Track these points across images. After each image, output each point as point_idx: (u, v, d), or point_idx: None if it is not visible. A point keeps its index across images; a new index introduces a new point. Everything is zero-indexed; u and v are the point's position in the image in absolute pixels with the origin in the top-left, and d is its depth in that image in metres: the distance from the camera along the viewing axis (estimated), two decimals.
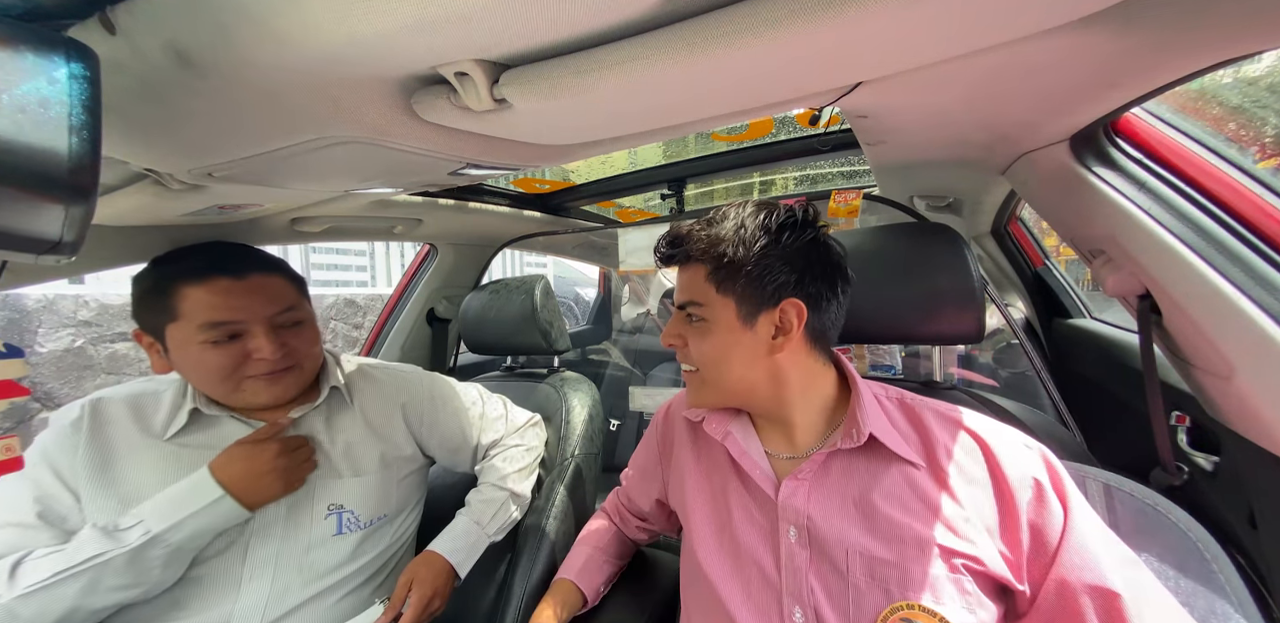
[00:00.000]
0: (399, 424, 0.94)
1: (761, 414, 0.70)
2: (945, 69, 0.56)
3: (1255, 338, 0.59)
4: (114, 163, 0.63)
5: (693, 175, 1.49)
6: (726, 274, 0.62)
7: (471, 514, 0.93)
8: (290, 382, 0.82)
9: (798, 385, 0.66)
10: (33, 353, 2.47)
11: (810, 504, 0.62)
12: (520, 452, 1.03)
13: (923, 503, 0.58)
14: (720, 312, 0.63)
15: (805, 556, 0.60)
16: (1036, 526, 0.55)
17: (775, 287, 0.61)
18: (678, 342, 0.68)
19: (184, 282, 0.74)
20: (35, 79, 0.36)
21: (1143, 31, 0.49)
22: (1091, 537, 0.54)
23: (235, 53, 0.42)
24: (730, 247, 0.62)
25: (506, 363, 1.42)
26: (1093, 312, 1.49)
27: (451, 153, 0.68)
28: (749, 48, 0.41)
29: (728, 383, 0.66)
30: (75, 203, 0.39)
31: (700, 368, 0.67)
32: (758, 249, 0.61)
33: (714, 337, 0.64)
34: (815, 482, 0.63)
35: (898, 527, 0.57)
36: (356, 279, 4.73)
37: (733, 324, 0.63)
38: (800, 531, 0.61)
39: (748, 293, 0.62)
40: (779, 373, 0.65)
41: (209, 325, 0.74)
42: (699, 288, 0.64)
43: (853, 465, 0.63)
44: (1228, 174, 0.68)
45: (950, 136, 0.88)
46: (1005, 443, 0.60)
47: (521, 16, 0.39)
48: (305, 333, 0.84)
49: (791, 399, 0.66)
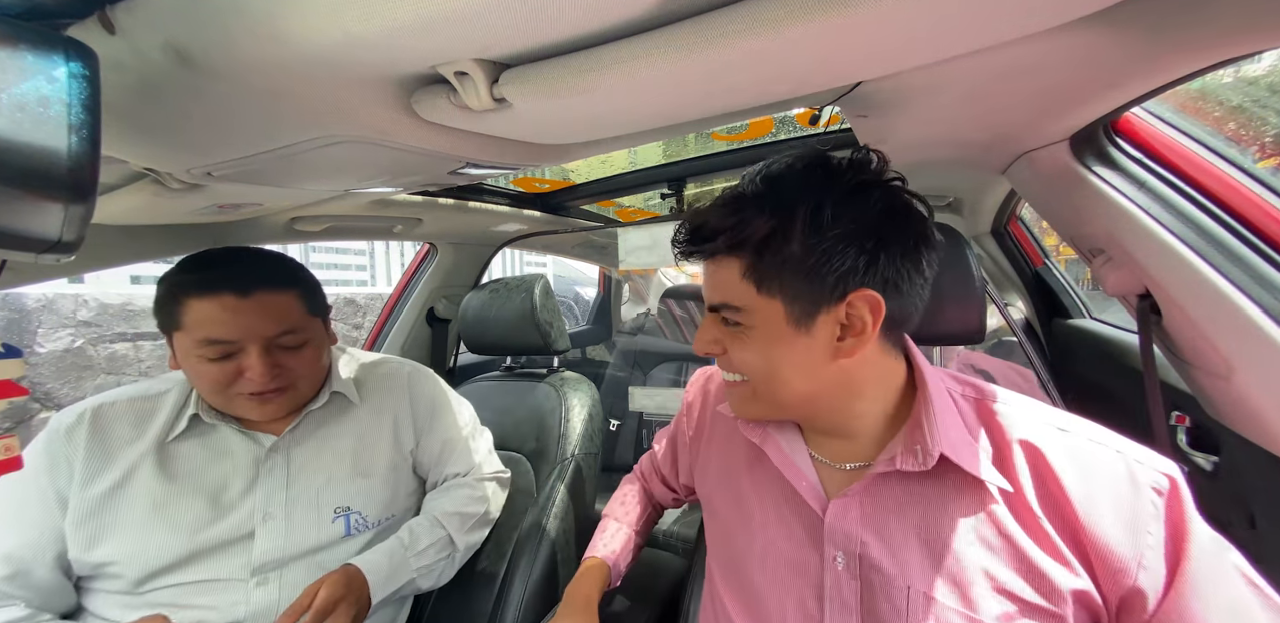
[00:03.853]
0: (408, 421, 0.94)
1: (819, 427, 0.58)
2: (945, 69, 0.56)
3: (1255, 338, 0.59)
4: (113, 162, 0.63)
5: (693, 175, 1.49)
6: (770, 269, 0.48)
7: (401, 538, 0.85)
8: (282, 402, 0.80)
9: (868, 391, 0.53)
10: (32, 353, 2.47)
11: (865, 529, 0.51)
12: (474, 498, 0.95)
13: (1004, 542, 0.47)
14: (765, 315, 0.49)
15: (855, 588, 0.51)
16: (1138, 586, 0.44)
17: (838, 277, 0.47)
18: (715, 349, 0.55)
19: (192, 293, 0.74)
20: (34, 78, 0.35)
21: (1143, 31, 0.49)
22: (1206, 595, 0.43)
23: (235, 52, 0.42)
24: (774, 234, 0.47)
25: (506, 363, 1.42)
26: (1093, 312, 1.49)
27: (451, 152, 0.68)
28: (749, 47, 0.41)
29: (785, 397, 0.53)
30: (75, 202, 0.39)
31: (749, 378, 0.54)
32: (812, 231, 0.46)
33: (759, 345, 0.51)
34: (871, 501, 0.52)
35: (971, 569, 0.47)
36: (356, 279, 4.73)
37: (782, 329, 0.49)
38: (850, 558, 0.51)
39: (800, 290, 0.48)
40: (849, 380, 0.51)
41: (206, 341, 0.73)
42: (735, 289, 0.50)
43: (918, 484, 0.51)
44: (1228, 174, 0.68)
45: (950, 136, 0.88)
46: (1120, 462, 0.47)
47: (521, 16, 0.39)
48: (305, 354, 0.81)
49: (859, 407, 0.53)
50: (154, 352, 2.85)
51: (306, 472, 0.83)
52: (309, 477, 0.83)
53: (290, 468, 0.83)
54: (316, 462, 0.84)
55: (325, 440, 0.86)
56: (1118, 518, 0.45)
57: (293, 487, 0.82)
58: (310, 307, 0.82)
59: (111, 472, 0.75)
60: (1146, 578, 0.44)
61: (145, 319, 2.79)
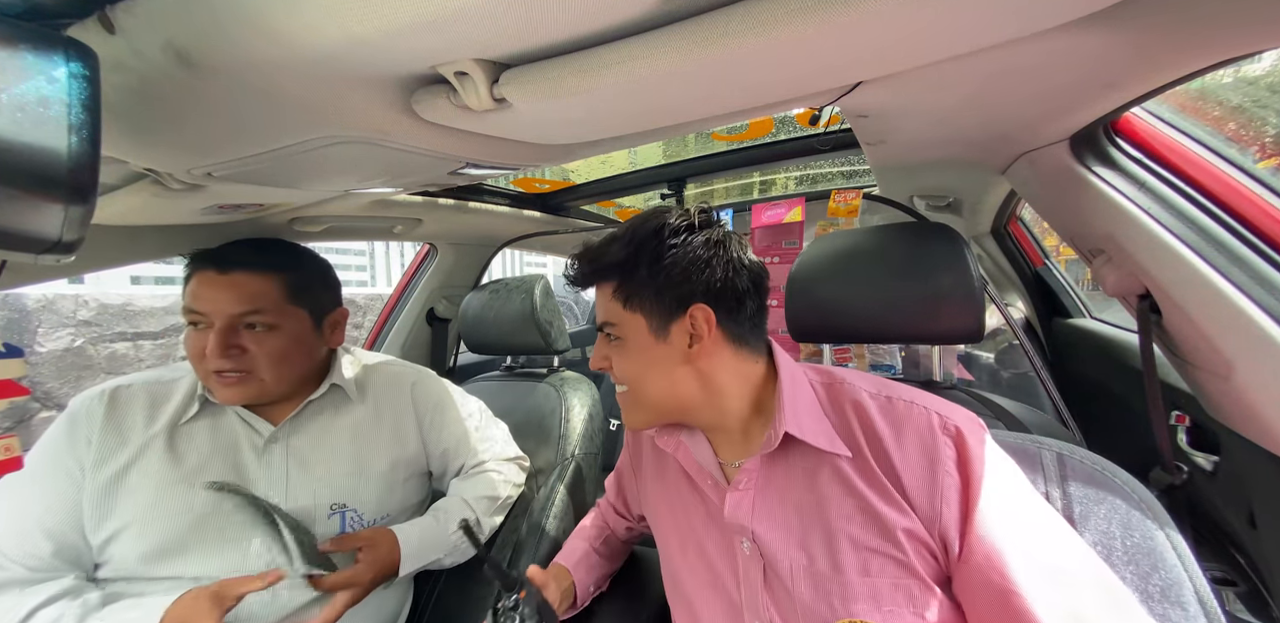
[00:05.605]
0: (411, 423, 0.94)
1: (703, 425, 0.67)
2: (945, 69, 0.56)
3: (1255, 338, 0.59)
4: (113, 162, 0.63)
5: (693, 175, 1.49)
6: (630, 290, 0.61)
7: (437, 516, 0.90)
8: (244, 390, 0.79)
9: (732, 390, 0.62)
10: (32, 353, 2.47)
11: (754, 517, 0.59)
12: (498, 481, 0.99)
13: (853, 501, 0.55)
14: (633, 328, 0.61)
15: (759, 570, 0.59)
16: (945, 517, 0.52)
17: (679, 295, 0.59)
18: (605, 364, 0.66)
19: (192, 267, 0.80)
20: (35, 78, 0.36)
21: (1143, 31, 0.49)
22: (999, 528, 0.50)
23: (235, 52, 0.42)
24: (625, 261, 0.60)
25: (506, 363, 1.41)
26: (1093, 311, 1.49)
27: (451, 152, 0.68)
28: (749, 47, 0.41)
29: (655, 399, 0.63)
30: (75, 202, 0.39)
31: (629, 387, 0.64)
32: (653, 259, 0.59)
33: (632, 354, 0.62)
34: (759, 491, 0.61)
35: (833, 533, 0.55)
36: (356, 279, 4.72)
37: (646, 339, 0.61)
38: (752, 544, 0.59)
39: (654, 305, 0.60)
40: (708, 380, 0.62)
41: (185, 310, 0.78)
42: (609, 306, 0.63)
43: (790, 467, 0.60)
44: (1228, 174, 0.68)
45: (950, 136, 0.88)
46: (926, 416, 0.56)
47: (521, 16, 0.39)
48: (269, 341, 0.79)
49: (726, 405, 0.63)
50: (154, 352, 2.85)
51: (304, 466, 0.84)
52: (307, 471, 0.83)
53: (289, 461, 0.83)
54: (314, 456, 0.85)
55: (323, 435, 0.87)
56: (921, 461, 0.54)
57: (291, 480, 0.82)
58: (292, 294, 0.82)
59: (124, 453, 0.76)
60: (949, 513, 0.52)
61: (145, 319, 2.79)
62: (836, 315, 0.83)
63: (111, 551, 0.74)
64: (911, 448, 0.55)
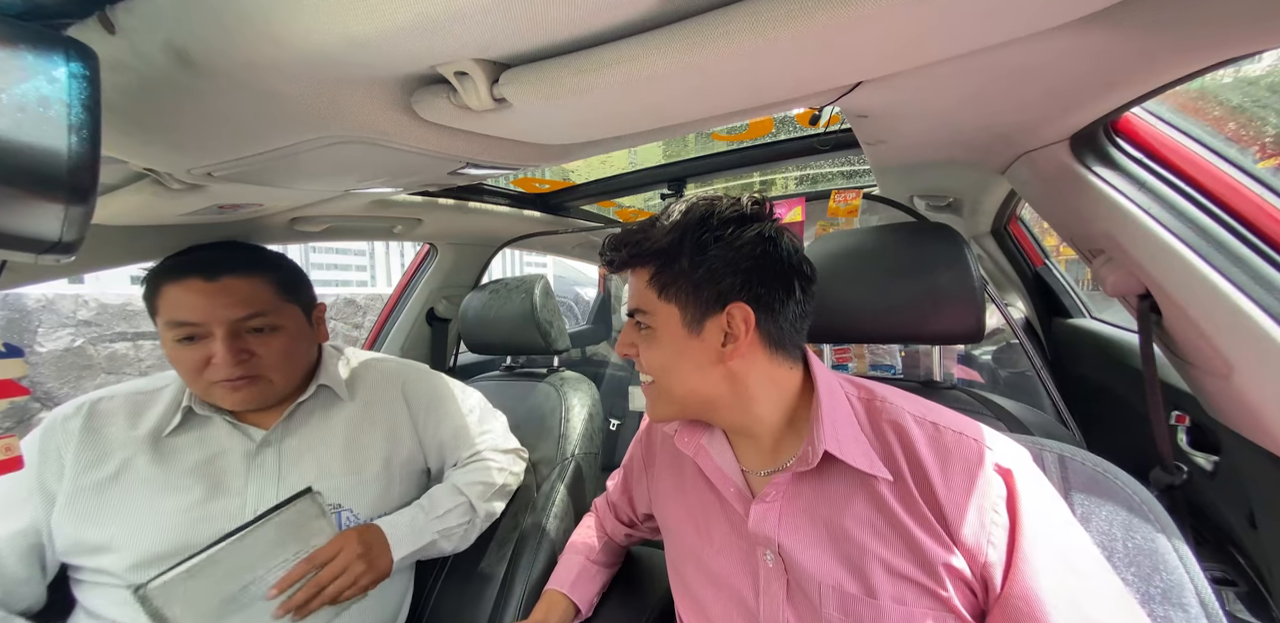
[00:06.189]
0: (404, 421, 0.94)
1: (729, 427, 0.65)
2: (945, 69, 0.56)
3: (1254, 338, 0.59)
4: (113, 162, 0.63)
5: (693, 175, 1.49)
6: (668, 279, 0.58)
7: (422, 504, 0.88)
8: (254, 393, 0.79)
9: (761, 395, 0.60)
10: (32, 353, 2.47)
11: (781, 531, 0.57)
12: (493, 469, 0.98)
13: (891, 527, 0.53)
14: (665, 319, 0.59)
15: (783, 583, 0.57)
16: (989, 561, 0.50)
17: (719, 291, 0.57)
18: (631, 351, 0.64)
19: (166, 279, 0.76)
20: (35, 78, 0.35)
21: (1143, 31, 0.49)
22: (1044, 577, 0.48)
23: (235, 53, 0.42)
24: (667, 248, 0.58)
25: (506, 363, 1.41)
26: (1093, 311, 1.49)
27: (451, 152, 0.68)
28: (749, 47, 0.41)
29: (681, 394, 0.61)
30: (75, 202, 0.39)
31: (654, 379, 0.62)
32: (697, 250, 0.56)
33: (661, 346, 0.60)
34: (787, 504, 0.58)
35: (866, 555, 0.53)
36: (356, 279, 4.73)
37: (678, 332, 0.59)
38: (776, 556, 0.57)
39: (691, 298, 0.57)
40: (737, 382, 0.59)
41: (172, 324, 0.75)
42: (643, 294, 0.60)
43: (822, 484, 0.57)
44: (1228, 174, 0.68)
45: (950, 136, 0.88)
46: (977, 450, 0.54)
47: (521, 16, 0.39)
48: (275, 342, 0.80)
49: (756, 411, 0.60)
50: (154, 352, 2.85)
51: (297, 467, 0.83)
52: (300, 472, 0.83)
53: (281, 464, 0.83)
54: (307, 457, 0.84)
55: (316, 437, 0.86)
56: (968, 497, 0.51)
57: (284, 483, 0.82)
58: (284, 292, 0.82)
59: (107, 464, 0.76)
60: (994, 554, 0.50)
61: (145, 319, 2.78)
62: (836, 315, 0.83)
63: (100, 562, 0.73)
64: (958, 482, 0.52)
